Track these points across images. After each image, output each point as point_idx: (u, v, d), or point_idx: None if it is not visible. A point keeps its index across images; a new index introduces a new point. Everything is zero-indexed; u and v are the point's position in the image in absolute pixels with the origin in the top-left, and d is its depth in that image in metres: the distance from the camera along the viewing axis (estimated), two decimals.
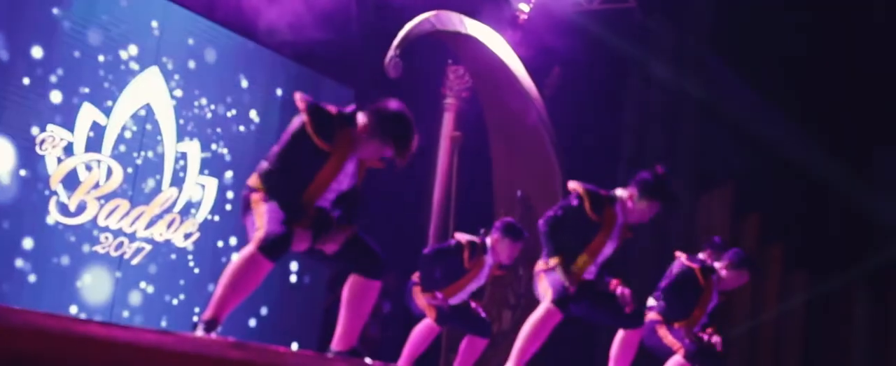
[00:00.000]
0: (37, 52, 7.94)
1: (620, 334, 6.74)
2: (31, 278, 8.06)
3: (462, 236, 7.83)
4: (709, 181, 14.21)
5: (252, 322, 9.89)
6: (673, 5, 13.84)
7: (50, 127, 8.05)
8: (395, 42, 10.40)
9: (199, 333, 4.79)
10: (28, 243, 8.02)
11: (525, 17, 12.41)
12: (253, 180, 5.06)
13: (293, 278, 10.38)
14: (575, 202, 6.43)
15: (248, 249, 4.84)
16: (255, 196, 4.99)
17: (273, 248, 4.84)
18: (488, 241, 7.75)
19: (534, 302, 6.70)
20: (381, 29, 10.94)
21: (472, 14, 11.76)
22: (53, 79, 8.05)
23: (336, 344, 5.19)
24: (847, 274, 14.69)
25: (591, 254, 6.46)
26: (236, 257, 4.90)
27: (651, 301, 7.97)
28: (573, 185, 6.53)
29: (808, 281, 15.27)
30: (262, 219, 4.90)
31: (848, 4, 12.99)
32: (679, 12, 13.97)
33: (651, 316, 7.66)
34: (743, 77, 13.32)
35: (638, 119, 14.12)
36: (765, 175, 14.47)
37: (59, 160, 8.13)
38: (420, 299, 7.74)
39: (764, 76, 13.55)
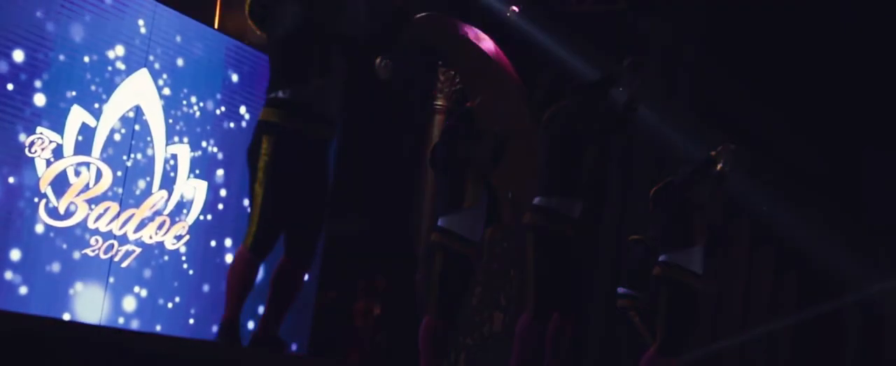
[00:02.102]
0: (19, 55, 7.83)
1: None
2: (22, 291, 7.96)
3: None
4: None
5: (250, 324, 9.82)
6: (665, 6, 13.84)
7: (39, 129, 7.98)
8: None
9: (219, 335, 4.89)
10: (15, 255, 7.92)
11: (516, 18, 12.40)
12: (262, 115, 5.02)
13: None
14: None
15: (240, 248, 4.96)
16: (263, 147, 4.94)
17: (260, 247, 4.91)
18: None
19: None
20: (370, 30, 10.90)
21: (463, 16, 11.76)
22: (38, 84, 7.96)
23: (260, 329, 5.18)
24: (839, 278, 14.68)
25: None
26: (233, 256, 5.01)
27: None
28: None
29: (799, 285, 15.27)
30: (255, 210, 4.89)
31: (841, 6, 13.00)
32: (671, 13, 13.96)
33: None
34: (736, 79, 13.31)
35: (629, 119, 14.10)
36: (757, 177, 14.46)
37: (49, 163, 8.08)
38: (435, 272, 7.43)
39: (758, 77, 13.54)
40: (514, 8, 12.35)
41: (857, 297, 14.47)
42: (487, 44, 11.92)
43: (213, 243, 9.51)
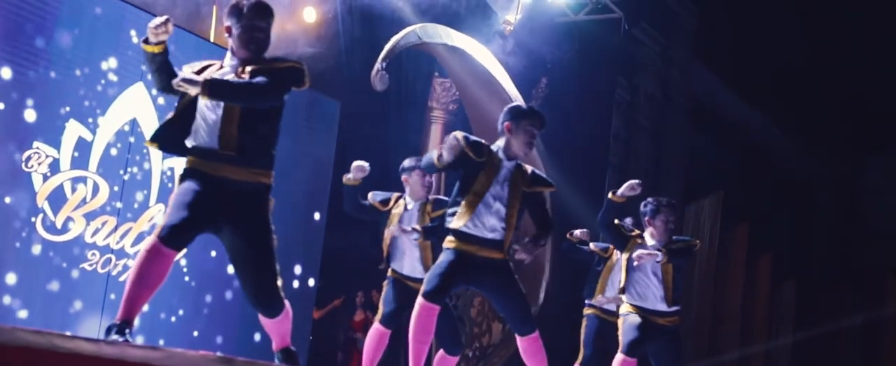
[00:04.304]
0: (7, 72, 7.73)
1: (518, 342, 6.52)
2: (22, 314, 7.89)
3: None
4: (696, 191, 14.23)
5: (256, 336, 9.77)
6: (659, 15, 13.87)
7: (35, 144, 7.95)
8: (382, 55, 10.39)
9: (112, 337, 4.74)
10: (12, 278, 7.83)
11: (511, 28, 12.41)
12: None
13: (296, 284, 10.26)
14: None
15: (150, 239, 4.81)
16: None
17: (172, 237, 4.80)
18: (407, 189, 7.69)
19: None
20: (367, 41, 10.93)
21: (459, 26, 11.77)
22: (30, 101, 7.88)
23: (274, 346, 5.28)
24: (837, 284, 14.68)
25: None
26: (140, 250, 4.85)
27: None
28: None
29: (797, 292, 15.28)
30: (170, 203, 4.90)
31: (838, 14, 13.02)
32: (665, 22, 13.99)
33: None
34: (731, 86, 13.35)
35: (625, 128, 14.13)
36: (754, 185, 14.47)
37: (46, 177, 8.05)
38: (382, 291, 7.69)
39: (752, 85, 13.58)
40: (509, 19, 12.38)
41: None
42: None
43: (213, 253, 9.44)
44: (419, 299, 6.29)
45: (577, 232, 9.25)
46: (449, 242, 6.35)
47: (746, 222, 14.61)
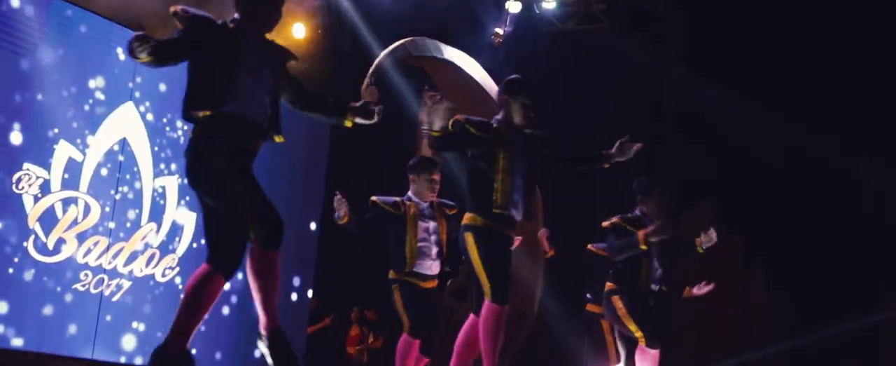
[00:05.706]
0: None
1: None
2: (17, 342, 7.83)
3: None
4: (690, 200, 14.20)
5: (257, 352, 9.71)
6: (647, 24, 13.87)
7: (26, 165, 7.90)
8: (371, 69, 10.37)
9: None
10: (3, 307, 7.77)
11: (500, 40, 12.41)
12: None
13: (294, 296, 10.20)
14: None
15: (202, 267, 4.82)
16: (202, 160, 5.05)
17: (225, 261, 4.80)
18: (411, 191, 7.64)
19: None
20: (356, 56, 10.92)
21: (448, 39, 11.76)
22: (17, 125, 7.83)
23: (261, 327, 5.01)
24: (832, 293, 14.65)
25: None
26: (191, 278, 4.85)
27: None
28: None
29: (792, 300, 15.25)
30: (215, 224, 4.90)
31: (834, 17, 13.02)
32: (653, 30, 13.99)
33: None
34: (722, 94, 13.33)
35: (617, 138, 14.10)
36: (748, 193, 14.45)
37: (36, 199, 8.00)
38: (398, 302, 7.57)
39: (745, 92, 13.56)
40: (499, 31, 12.37)
41: None
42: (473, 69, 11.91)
43: None
44: (488, 305, 6.14)
45: (543, 240, 9.21)
46: (471, 218, 6.21)
47: (740, 231, 14.58)
